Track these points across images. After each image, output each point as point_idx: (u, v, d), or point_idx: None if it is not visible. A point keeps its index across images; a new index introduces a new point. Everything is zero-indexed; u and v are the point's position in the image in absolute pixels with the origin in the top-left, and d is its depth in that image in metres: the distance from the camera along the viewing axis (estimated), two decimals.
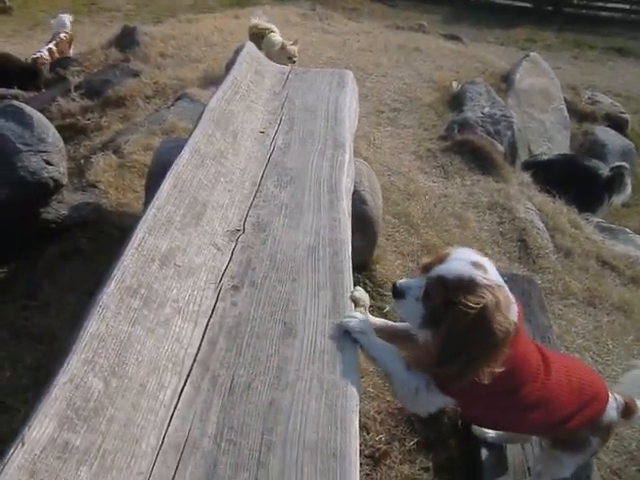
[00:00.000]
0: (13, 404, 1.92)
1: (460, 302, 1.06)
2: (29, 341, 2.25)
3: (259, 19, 4.59)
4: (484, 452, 1.64)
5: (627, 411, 1.40)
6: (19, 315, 2.35)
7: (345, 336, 1.18)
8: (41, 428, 0.86)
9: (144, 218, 1.33)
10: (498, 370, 1.10)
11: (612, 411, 1.34)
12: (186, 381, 1.08)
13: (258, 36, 4.34)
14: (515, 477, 1.56)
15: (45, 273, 2.54)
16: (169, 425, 1.00)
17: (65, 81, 4.62)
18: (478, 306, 1.05)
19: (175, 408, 1.03)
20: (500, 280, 1.12)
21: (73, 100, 4.12)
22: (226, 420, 1.01)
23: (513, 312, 1.11)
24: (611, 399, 1.35)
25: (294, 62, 4.12)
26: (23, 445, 0.82)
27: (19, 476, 0.79)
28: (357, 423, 1.02)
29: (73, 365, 0.96)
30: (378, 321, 1.31)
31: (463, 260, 1.12)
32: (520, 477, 1.56)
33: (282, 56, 4.03)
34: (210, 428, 1.00)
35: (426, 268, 1.16)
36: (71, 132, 3.73)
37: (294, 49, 4.18)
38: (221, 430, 1.00)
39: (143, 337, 1.10)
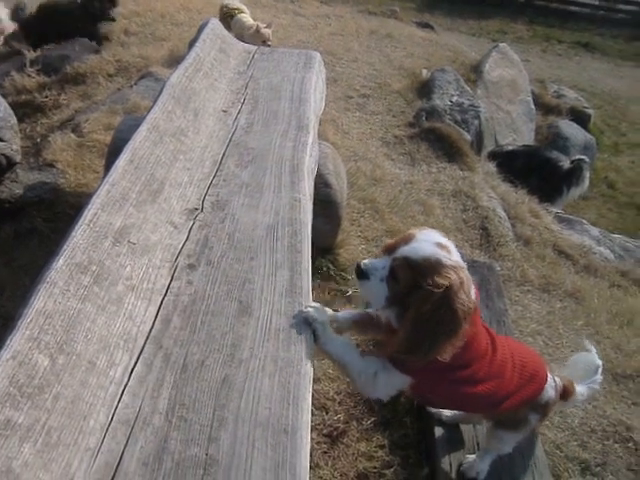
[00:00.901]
0: None
1: (427, 283, 1.07)
2: None
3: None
4: (438, 430, 1.68)
5: (565, 393, 1.46)
6: None
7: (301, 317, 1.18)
8: None
9: (97, 193, 1.30)
10: (458, 347, 1.12)
11: (551, 390, 1.39)
12: (138, 358, 1.07)
13: (228, 16, 4.25)
14: (466, 453, 1.61)
15: None
16: (119, 402, 0.98)
17: (20, 55, 4.43)
18: (444, 287, 1.06)
19: (126, 385, 1.01)
20: (462, 261, 1.14)
21: (29, 76, 3.95)
22: (178, 397, 1.00)
23: (473, 292, 1.13)
24: (550, 379, 1.39)
25: (268, 46, 4.01)
26: None
27: None
28: (310, 400, 1.03)
29: (17, 342, 0.94)
30: (341, 318, 1.32)
31: (428, 241, 1.12)
32: (471, 452, 1.60)
33: (256, 39, 3.93)
34: (161, 405, 0.99)
35: (390, 249, 1.16)
36: (27, 109, 3.58)
37: (268, 32, 4.10)
38: (172, 406, 0.99)
39: (93, 314, 1.07)
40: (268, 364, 1.07)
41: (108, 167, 2.21)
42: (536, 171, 4.29)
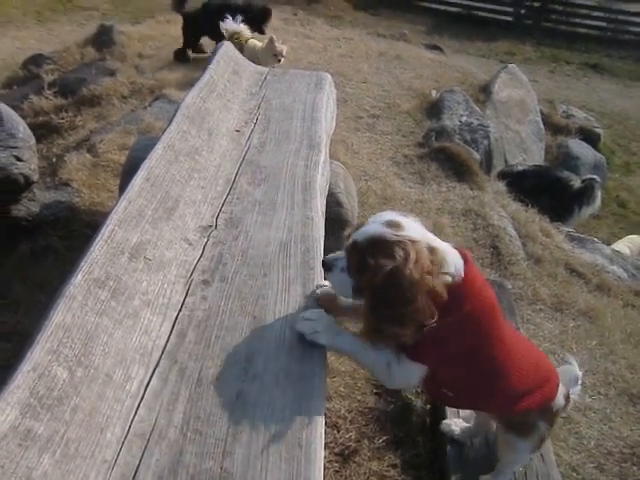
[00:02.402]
0: None
1: (371, 263, 1.05)
2: None
3: (234, 24, 4.38)
4: (451, 449, 1.67)
5: (565, 403, 1.43)
6: None
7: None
8: (2, 415, 0.84)
9: (114, 210, 1.33)
10: (434, 322, 1.07)
11: (561, 398, 1.37)
12: (153, 372, 1.08)
13: (238, 45, 4.17)
14: (480, 472, 1.59)
15: (15, 271, 2.50)
16: (135, 415, 1.00)
17: (38, 79, 4.55)
18: (388, 266, 1.03)
19: (142, 399, 1.03)
20: (418, 234, 1.09)
21: (46, 98, 4.06)
22: (193, 411, 1.01)
23: (446, 262, 1.09)
24: (561, 387, 1.38)
25: (279, 61, 4.06)
26: None
27: None
28: (323, 413, 1.03)
29: (37, 354, 0.96)
30: (345, 303, 1.28)
31: (377, 222, 1.10)
32: (485, 472, 1.58)
33: (269, 52, 3.97)
34: (177, 418, 1.00)
35: (348, 237, 1.17)
36: (44, 130, 3.68)
37: (282, 47, 4.10)
38: (187, 420, 1.00)
39: (110, 328, 1.09)
40: (281, 379, 1.08)
41: (123, 186, 2.26)
42: (547, 190, 4.30)
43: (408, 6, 10.77)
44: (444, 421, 1.76)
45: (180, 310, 1.23)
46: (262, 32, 4.79)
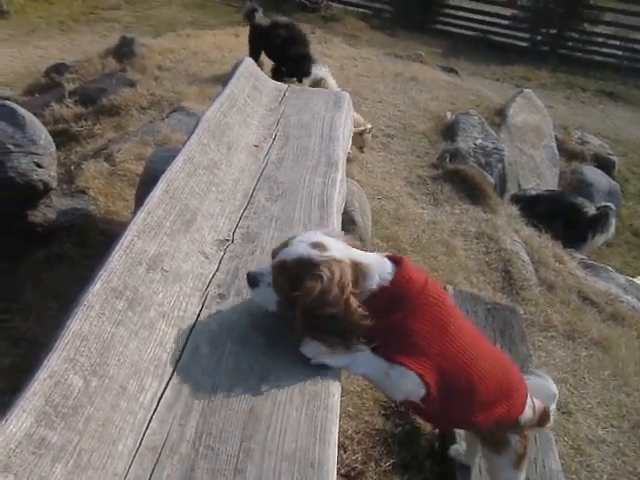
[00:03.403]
0: None
1: (300, 284, 1.11)
2: (7, 344, 2.21)
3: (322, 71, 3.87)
4: (459, 475, 1.64)
5: (542, 419, 1.43)
6: None
7: None
8: (18, 422, 0.84)
9: (134, 221, 1.34)
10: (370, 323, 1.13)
11: (530, 411, 1.36)
12: (167, 385, 1.08)
13: None
14: None
15: (28, 276, 2.51)
16: (147, 428, 0.99)
17: (60, 87, 4.64)
18: (316, 285, 1.10)
19: (155, 411, 1.02)
20: (341, 253, 1.16)
21: (67, 106, 4.13)
22: (205, 426, 1.01)
23: (369, 273, 1.16)
24: (529, 399, 1.37)
25: (363, 152, 3.66)
26: None
27: None
28: (336, 434, 1.02)
29: (54, 362, 0.96)
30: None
31: (304, 242, 1.17)
32: None
33: (355, 142, 3.29)
34: (189, 433, 0.99)
35: (274, 253, 1.21)
36: (63, 138, 3.73)
37: (369, 137, 3.63)
38: (200, 435, 0.99)
39: (126, 339, 1.09)
40: (295, 396, 1.07)
41: (140, 196, 2.28)
42: (561, 216, 4.28)
43: (424, 28, 10.87)
44: (452, 446, 1.74)
45: (195, 323, 1.23)
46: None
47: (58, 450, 0.86)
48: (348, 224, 2.29)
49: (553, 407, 1.51)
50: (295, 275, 1.13)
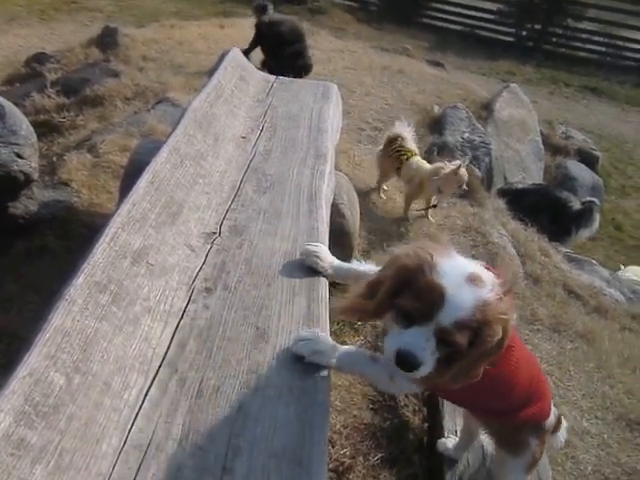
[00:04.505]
0: None
1: (487, 334, 0.96)
2: None
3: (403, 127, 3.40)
4: (447, 470, 1.63)
5: (557, 425, 1.42)
6: None
7: None
8: None
9: (118, 213, 1.30)
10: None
11: (552, 418, 1.35)
12: (153, 381, 1.05)
13: (398, 153, 3.24)
14: None
15: (9, 269, 2.46)
16: (132, 426, 0.96)
17: (41, 77, 4.52)
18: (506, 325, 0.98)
19: (140, 408, 0.99)
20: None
21: (49, 97, 4.03)
22: (192, 423, 0.98)
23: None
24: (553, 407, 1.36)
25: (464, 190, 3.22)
26: None
27: None
28: (326, 432, 1.00)
29: (34, 359, 0.92)
30: (333, 260, 1.29)
31: (464, 287, 0.96)
32: None
33: (451, 183, 3.05)
34: (175, 430, 0.97)
35: (422, 315, 0.97)
36: (45, 129, 3.64)
37: (465, 173, 3.12)
38: (187, 433, 0.96)
39: (110, 334, 1.06)
40: (284, 393, 1.05)
41: (124, 188, 2.23)
42: (546, 210, 4.30)
43: (411, 22, 10.85)
44: (440, 440, 1.73)
45: (181, 318, 1.20)
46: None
47: (38, 451, 0.83)
48: (337, 217, 2.26)
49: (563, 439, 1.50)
50: (477, 327, 0.95)
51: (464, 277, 0.97)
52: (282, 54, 4.70)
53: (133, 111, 3.79)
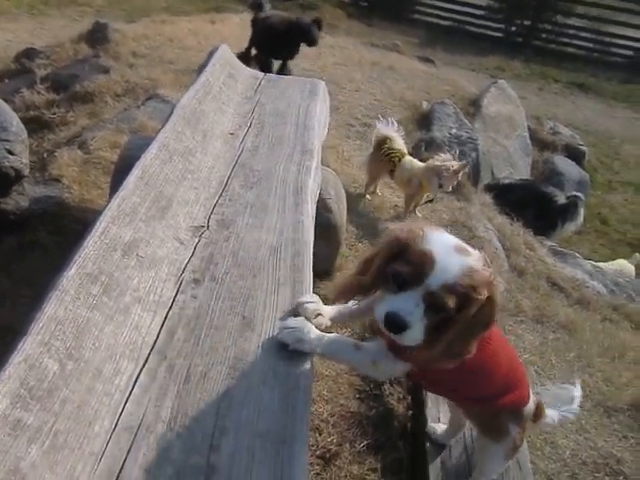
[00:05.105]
0: None
1: (474, 296, 1.00)
2: None
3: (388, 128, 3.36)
4: (431, 455, 1.70)
5: (537, 414, 1.46)
6: None
7: None
8: None
9: (109, 207, 1.34)
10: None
11: (531, 404, 1.41)
12: (142, 368, 1.09)
13: (390, 156, 3.23)
14: (458, 478, 1.62)
15: (1, 265, 2.49)
16: (123, 409, 1.01)
17: (30, 73, 4.53)
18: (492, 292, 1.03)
19: (130, 393, 1.04)
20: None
21: (38, 93, 4.04)
22: (181, 406, 1.03)
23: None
24: (532, 394, 1.42)
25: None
26: None
27: None
28: (308, 413, 1.06)
29: (28, 345, 0.97)
30: (330, 310, 1.28)
31: (450, 254, 1.02)
32: (463, 477, 1.62)
33: (453, 179, 3.09)
34: (164, 413, 1.01)
35: (412, 279, 1.02)
36: (35, 125, 3.65)
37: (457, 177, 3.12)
38: (175, 416, 1.01)
39: (101, 323, 1.11)
40: (269, 378, 1.10)
41: (114, 184, 2.27)
42: (532, 204, 4.38)
43: (401, 18, 10.90)
44: (429, 425, 1.80)
45: (170, 308, 1.25)
46: (315, 44, 4.67)
47: (34, 431, 0.87)
48: (324, 212, 2.31)
49: (574, 408, 1.54)
50: (464, 292, 1.00)
51: (452, 246, 1.04)
52: (277, 49, 4.70)
53: (123, 107, 3.81)
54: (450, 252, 1.02)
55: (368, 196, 3.42)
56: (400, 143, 3.35)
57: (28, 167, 2.57)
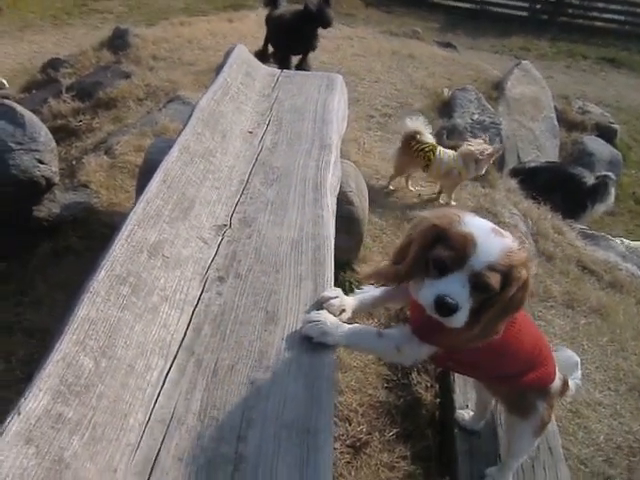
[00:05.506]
0: (7, 395, 1.95)
1: (515, 278, 1.04)
2: (22, 336, 2.30)
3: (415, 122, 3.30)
4: (459, 441, 1.71)
5: (564, 388, 1.47)
6: (12, 311, 2.40)
7: None
8: (36, 400, 0.91)
9: (134, 210, 1.39)
10: None
11: (558, 381, 1.42)
12: (172, 363, 1.14)
13: (423, 151, 3.21)
14: (487, 464, 1.63)
15: (37, 270, 2.59)
16: (156, 403, 1.06)
17: (56, 83, 4.68)
18: (528, 272, 1.06)
19: (161, 388, 1.09)
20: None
21: (64, 102, 4.18)
22: (209, 399, 1.07)
23: None
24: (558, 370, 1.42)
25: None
26: (19, 414, 0.88)
27: (16, 442, 0.85)
28: (332, 403, 1.09)
29: (65, 345, 1.02)
30: (352, 301, 1.31)
31: (490, 237, 1.05)
32: (492, 464, 1.63)
33: (487, 162, 3.19)
34: (194, 406, 1.06)
35: (456, 261, 1.05)
36: (62, 133, 3.78)
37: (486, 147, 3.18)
38: (204, 408, 1.06)
39: (132, 322, 1.16)
40: (293, 369, 1.13)
41: (140, 187, 2.34)
42: (559, 187, 4.29)
43: (421, 3, 10.74)
44: (457, 412, 1.81)
45: (196, 305, 1.30)
46: (328, 25, 4.52)
47: (74, 424, 0.93)
48: (345, 204, 2.33)
49: (578, 374, 1.56)
50: (507, 272, 1.03)
51: (490, 229, 1.07)
52: (294, 43, 4.69)
53: (146, 111, 3.90)
54: (489, 234, 1.06)
55: (391, 186, 3.42)
56: (430, 136, 3.32)
57: (58, 175, 2.67)
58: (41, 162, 2.47)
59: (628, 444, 2.05)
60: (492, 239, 1.04)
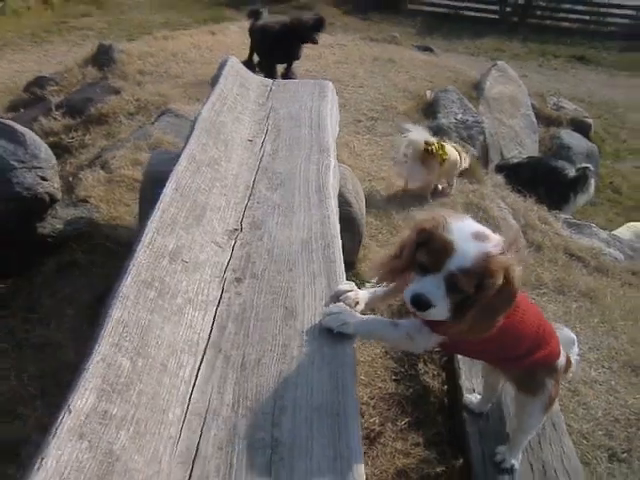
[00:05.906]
0: (23, 412, 1.99)
1: (490, 281, 1.13)
2: (32, 352, 2.32)
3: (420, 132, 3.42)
4: (469, 425, 1.79)
5: (567, 366, 1.55)
6: (20, 328, 2.42)
7: None
8: (83, 399, 0.97)
9: (152, 218, 1.46)
10: None
11: (562, 358, 1.50)
12: (202, 361, 1.21)
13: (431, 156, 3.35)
14: (497, 443, 1.71)
15: (44, 286, 2.62)
16: (190, 398, 1.12)
17: (44, 101, 4.70)
18: (504, 277, 1.14)
19: (194, 384, 1.15)
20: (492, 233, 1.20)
21: (55, 119, 4.21)
22: (241, 391, 1.14)
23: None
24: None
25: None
26: (70, 412, 0.94)
27: (70, 437, 0.91)
28: (355, 387, 1.16)
29: (103, 347, 1.08)
30: (365, 294, 1.40)
31: (468, 240, 1.15)
32: (501, 443, 1.71)
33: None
34: (227, 398, 1.13)
35: (434, 263, 1.16)
36: (56, 150, 3.76)
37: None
38: (237, 399, 1.12)
39: (161, 323, 1.22)
40: (316, 359, 1.21)
41: (144, 198, 2.40)
42: (543, 180, 4.43)
43: (396, 9, 10.95)
44: (465, 396, 1.89)
45: (218, 305, 1.36)
46: (315, 42, 4.74)
47: (120, 420, 0.99)
48: (344, 205, 2.41)
49: (575, 350, 1.65)
50: (481, 275, 1.13)
51: (471, 234, 1.17)
52: (278, 53, 4.80)
53: (138, 125, 3.95)
54: (468, 240, 1.15)
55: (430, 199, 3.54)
56: (433, 138, 3.47)
57: (60, 191, 2.71)
58: (44, 179, 2.51)
59: (625, 417, 2.16)
60: (470, 245, 1.14)
